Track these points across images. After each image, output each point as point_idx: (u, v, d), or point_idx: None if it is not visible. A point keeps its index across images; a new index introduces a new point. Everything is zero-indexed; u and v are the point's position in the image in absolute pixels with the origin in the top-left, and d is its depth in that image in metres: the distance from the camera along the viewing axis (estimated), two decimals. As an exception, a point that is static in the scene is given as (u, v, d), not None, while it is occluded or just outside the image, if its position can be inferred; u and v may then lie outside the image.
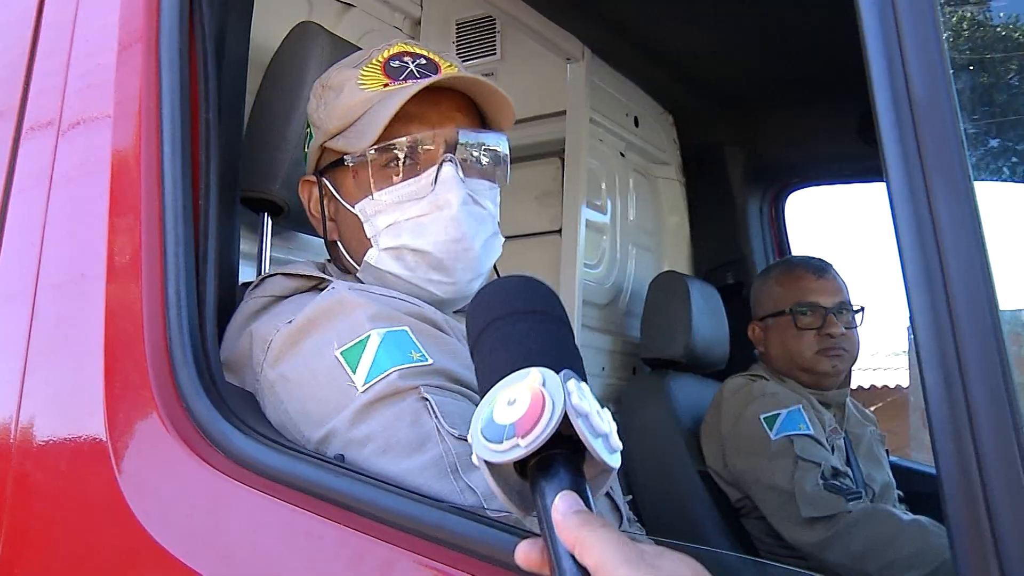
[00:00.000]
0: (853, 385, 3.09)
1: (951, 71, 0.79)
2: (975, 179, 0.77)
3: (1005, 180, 0.85)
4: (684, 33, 2.56)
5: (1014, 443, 0.71)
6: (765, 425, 2.24)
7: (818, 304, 2.35)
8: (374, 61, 1.28)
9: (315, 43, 1.56)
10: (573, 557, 0.69)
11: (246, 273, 1.58)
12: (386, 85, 1.25)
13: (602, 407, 0.77)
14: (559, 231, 2.64)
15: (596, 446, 0.73)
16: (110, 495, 1.03)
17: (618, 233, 2.84)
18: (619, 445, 0.77)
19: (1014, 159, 0.85)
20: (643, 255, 2.96)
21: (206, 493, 1.02)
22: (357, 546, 0.94)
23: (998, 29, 0.87)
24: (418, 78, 1.25)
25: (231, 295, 1.28)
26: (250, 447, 1.02)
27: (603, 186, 2.77)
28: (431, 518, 0.92)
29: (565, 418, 0.73)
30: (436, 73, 1.27)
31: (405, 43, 1.31)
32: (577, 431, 0.73)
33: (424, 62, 1.28)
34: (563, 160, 2.65)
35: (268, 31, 1.64)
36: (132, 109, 1.17)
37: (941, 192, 0.78)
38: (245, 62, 1.37)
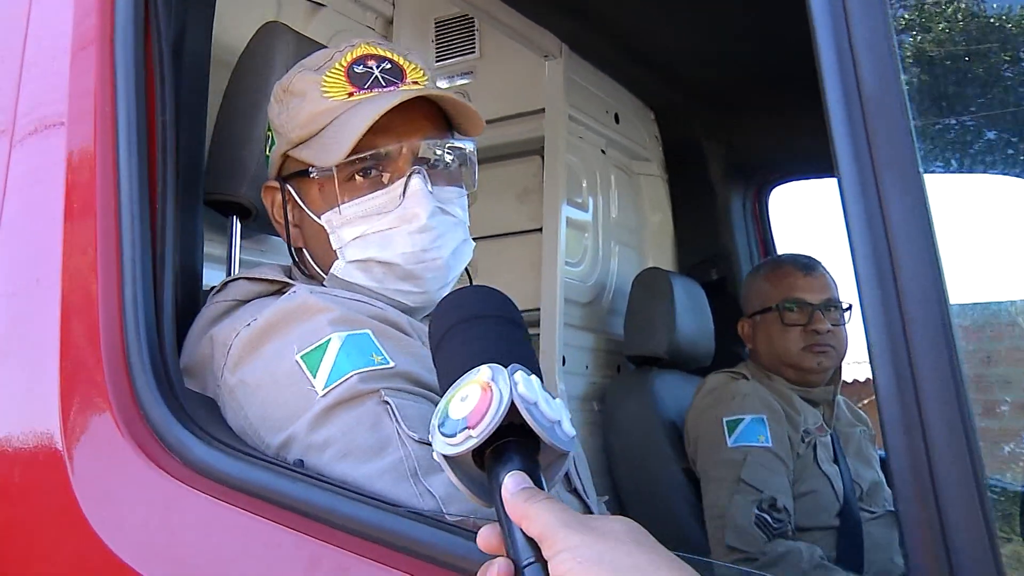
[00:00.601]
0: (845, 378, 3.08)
1: (901, 65, 0.78)
2: (926, 172, 0.77)
3: (956, 173, 0.84)
4: (662, 30, 2.55)
5: (963, 438, 0.71)
6: (726, 429, 2.25)
7: (805, 301, 2.36)
8: (337, 66, 1.25)
9: (281, 43, 1.54)
10: (523, 530, 0.73)
11: (216, 276, 1.57)
12: (351, 94, 1.22)
13: (553, 399, 0.81)
14: (540, 229, 2.63)
15: (545, 431, 0.77)
16: (64, 501, 1.02)
17: (600, 230, 2.83)
18: (572, 431, 0.81)
19: (966, 152, 0.84)
20: (626, 252, 2.95)
21: (161, 499, 1.00)
22: (313, 552, 0.93)
23: (949, 22, 0.86)
24: (383, 85, 1.23)
25: (194, 299, 1.27)
26: (206, 453, 1.01)
27: (584, 183, 2.76)
28: (387, 523, 0.92)
29: (517, 409, 0.77)
30: (401, 78, 1.24)
31: (368, 44, 1.28)
32: (526, 418, 0.77)
33: (389, 66, 1.25)
34: (544, 158, 2.64)
35: (236, 31, 1.62)
36: (87, 112, 1.16)
37: (892, 186, 0.77)
38: (206, 62, 1.35)
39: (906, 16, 0.83)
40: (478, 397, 0.77)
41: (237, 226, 1.59)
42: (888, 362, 0.75)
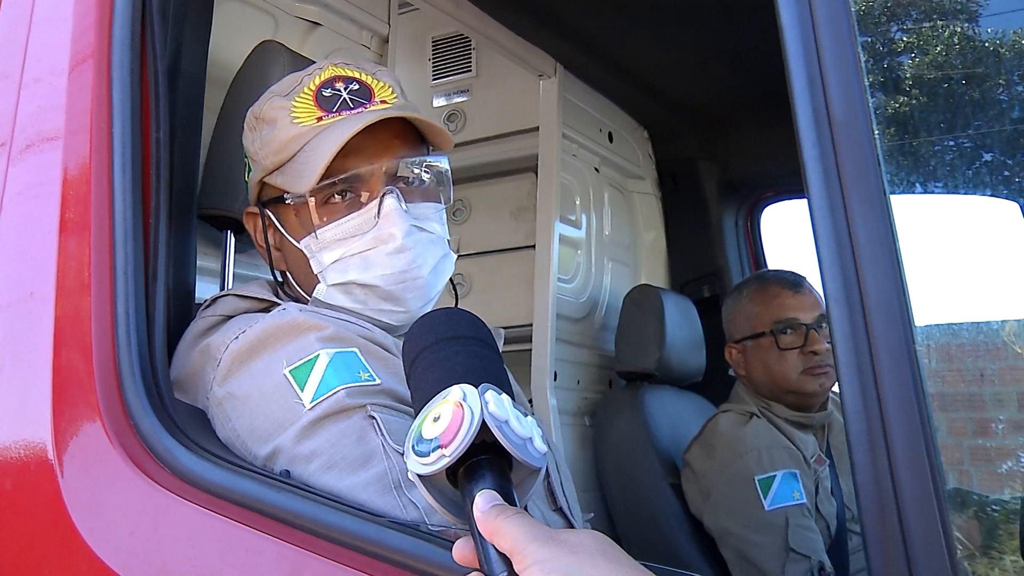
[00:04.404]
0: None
1: (868, 90, 0.81)
2: (892, 193, 0.79)
3: (922, 193, 0.86)
4: (653, 49, 2.58)
5: (925, 454, 0.73)
6: (760, 489, 2.10)
7: (798, 320, 2.25)
8: (305, 90, 1.26)
9: (277, 62, 1.57)
10: (495, 546, 0.75)
11: (210, 290, 1.59)
12: (320, 118, 1.23)
13: (525, 416, 0.82)
14: (534, 246, 2.65)
15: (517, 448, 0.79)
16: (55, 511, 1.04)
17: (593, 247, 2.85)
18: (543, 448, 0.82)
19: (931, 174, 0.86)
20: (619, 269, 2.97)
21: (150, 509, 1.02)
22: (296, 561, 0.94)
23: (915, 49, 0.89)
24: (352, 107, 1.24)
25: (187, 313, 1.29)
26: (194, 463, 1.03)
27: (577, 201, 2.79)
28: (369, 533, 0.93)
29: (487, 427, 0.78)
30: (369, 98, 1.25)
31: (335, 66, 1.29)
32: (497, 436, 0.78)
33: (357, 87, 1.26)
34: (538, 175, 2.67)
35: (234, 49, 1.65)
36: (83, 129, 1.18)
37: (859, 207, 0.80)
38: (202, 80, 1.38)
39: (874, 43, 0.85)
40: (450, 417, 0.79)
41: (231, 240, 1.61)
42: (855, 378, 0.77)
